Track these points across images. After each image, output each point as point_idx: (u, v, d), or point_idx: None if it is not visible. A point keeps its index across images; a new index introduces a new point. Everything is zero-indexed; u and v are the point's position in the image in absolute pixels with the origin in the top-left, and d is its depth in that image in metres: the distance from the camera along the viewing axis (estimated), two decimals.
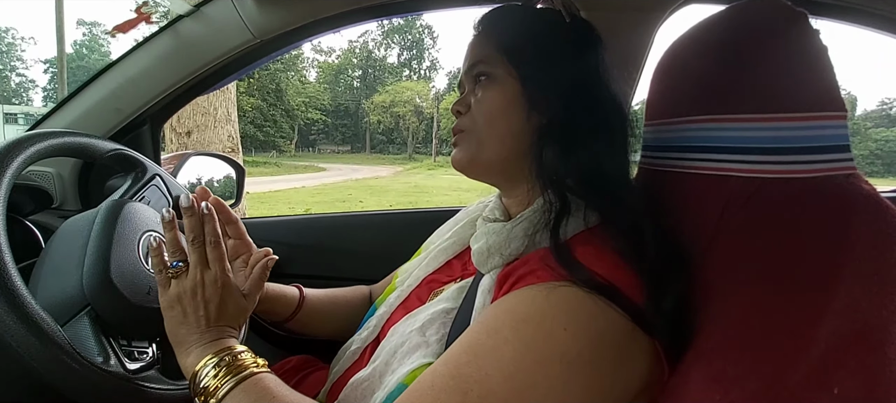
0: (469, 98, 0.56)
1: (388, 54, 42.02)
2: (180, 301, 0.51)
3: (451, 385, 0.41)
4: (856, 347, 0.37)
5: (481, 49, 0.56)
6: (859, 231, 0.40)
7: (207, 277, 0.51)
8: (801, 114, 0.46)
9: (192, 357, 0.50)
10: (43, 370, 0.45)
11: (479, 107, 0.55)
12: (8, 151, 0.51)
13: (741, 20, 0.51)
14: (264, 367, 0.51)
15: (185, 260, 0.52)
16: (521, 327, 0.41)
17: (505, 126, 0.53)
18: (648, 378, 0.44)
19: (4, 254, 0.45)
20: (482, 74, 0.55)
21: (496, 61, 0.55)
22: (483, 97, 0.55)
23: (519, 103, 0.53)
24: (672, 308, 0.43)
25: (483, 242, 0.52)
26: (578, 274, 0.41)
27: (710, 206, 0.49)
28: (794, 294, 0.40)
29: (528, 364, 0.40)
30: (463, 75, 0.59)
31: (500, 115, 0.53)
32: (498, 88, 0.54)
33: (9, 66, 35.43)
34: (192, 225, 0.52)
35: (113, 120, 0.88)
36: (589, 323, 0.40)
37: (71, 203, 0.89)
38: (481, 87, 0.55)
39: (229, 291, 0.53)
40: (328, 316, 0.77)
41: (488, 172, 0.56)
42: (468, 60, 0.58)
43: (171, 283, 0.51)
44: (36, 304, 0.46)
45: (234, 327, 0.54)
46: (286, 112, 28.25)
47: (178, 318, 0.51)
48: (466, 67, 0.58)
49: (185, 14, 0.83)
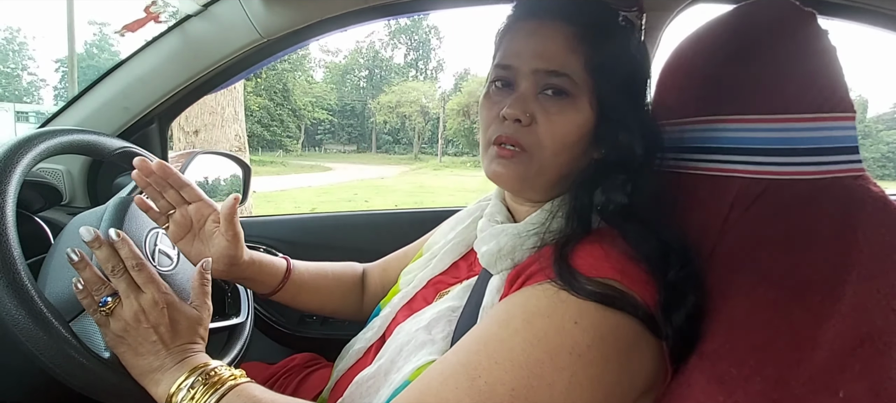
0: (531, 106, 0.48)
1: (395, 54, 42.16)
2: (127, 333, 0.48)
3: (460, 371, 0.41)
4: (862, 350, 0.36)
5: (568, 57, 0.47)
6: (867, 233, 0.40)
7: (144, 302, 0.48)
8: (809, 115, 0.46)
9: (163, 384, 0.47)
10: (51, 364, 0.45)
11: (550, 129, 0.48)
12: (18, 148, 0.52)
13: (748, 20, 0.51)
14: (242, 377, 0.49)
15: (113, 294, 0.48)
16: (533, 319, 0.42)
17: (569, 157, 0.49)
18: (654, 378, 0.43)
19: (14, 250, 0.46)
20: (561, 91, 0.48)
21: (583, 83, 0.47)
22: (559, 120, 0.48)
23: (589, 136, 0.49)
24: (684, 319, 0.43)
25: (493, 244, 0.51)
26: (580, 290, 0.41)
27: (716, 207, 0.49)
28: (799, 296, 0.40)
29: (538, 355, 0.40)
30: (524, 68, 0.49)
31: (570, 146, 0.48)
32: (576, 115, 0.48)
33: (20, 66, 35.93)
34: (105, 257, 0.48)
35: (121, 118, 0.89)
36: (599, 319, 0.41)
37: (80, 200, 0.91)
38: (555, 104, 0.48)
39: (175, 308, 0.50)
40: (316, 289, 0.76)
41: (532, 192, 0.53)
42: (543, 59, 0.48)
43: (108, 321, 0.48)
44: (44, 299, 0.46)
45: (195, 341, 0.51)
46: (293, 111, 28.41)
47: (132, 351, 0.48)
48: (541, 68, 0.48)
49: (194, 13, 0.84)
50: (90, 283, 0.48)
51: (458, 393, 0.40)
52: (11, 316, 0.44)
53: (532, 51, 0.48)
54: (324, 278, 0.77)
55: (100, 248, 0.49)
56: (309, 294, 0.75)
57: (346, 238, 1.18)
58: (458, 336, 0.51)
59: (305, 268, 0.75)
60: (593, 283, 0.41)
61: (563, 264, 0.43)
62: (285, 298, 0.73)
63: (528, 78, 0.49)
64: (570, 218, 0.49)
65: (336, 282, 0.78)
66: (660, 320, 0.42)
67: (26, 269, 0.46)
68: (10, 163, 0.50)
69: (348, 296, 0.79)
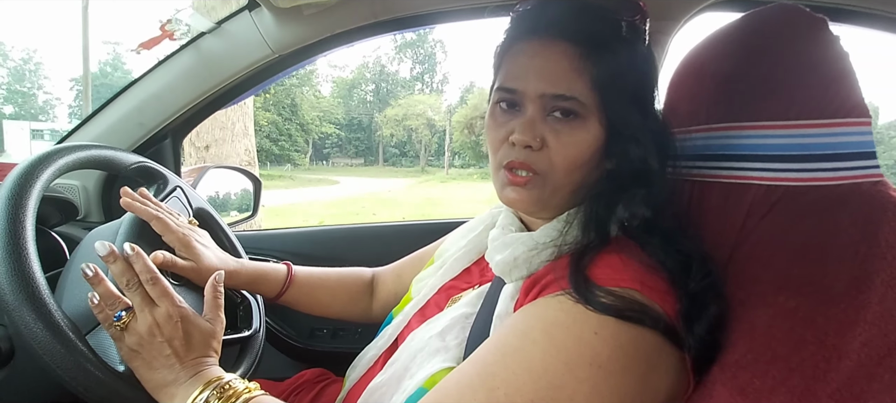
0: (540, 129, 0.47)
1: (401, 68, 42.55)
2: (141, 347, 0.48)
3: (478, 382, 0.41)
4: (891, 359, 0.35)
5: (576, 80, 0.46)
6: (890, 238, 0.39)
7: (158, 316, 0.49)
8: (824, 121, 0.45)
9: (178, 398, 0.47)
10: (67, 377, 0.45)
11: (563, 152, 0.47)
12: (38, 164, 0.53)
13: (758, 27, 0.51)
14: (257, 390, 0.49)
15: (128, 308, 0.49)
16: (551, 329, 0.41)
17: (582, 175, 0.49)
18: (675, 390, 0.43)
19: (33, 264, 0.47)
20: (572, 112, 0.47)
21: (592, 104, 0.47)
22: (570, 143, 0.47)
23: (601, 151, 0.48)
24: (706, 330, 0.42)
25: (508, 253, 0.51)
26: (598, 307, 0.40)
27: (732, 215, 0.48)
28: (822, 304, 0.39)
29: (557, 366, 0.39)
30: (531, 93, 0.48)
31: (583, 165, 0.48)
32: (586, 135, 0.47)
33: (36, 85, 36.81)
34: (119, 271, 0.49)
35: (136, 134, 0.91)
36: (619, 330, 0.40)
37: (95, 215, 0.92)
38: (564, 126, 0.47)
39: (189, 321, 0.50)
40: (319, 294, 0.77)
41: (546, 211, 0.52)
42: (550, 83, 0.47)
43: (123, 335, 0.48)
44: (62, 313, 0.47)
45: (209, 354, 0.51)
46: (301, 126, 28.69)
47: (146, 365, 0.48)
48: (549, 92, 0.47)
49: (208, 31, 0.86)
50: (105, 298, 0.48)
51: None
52: (30, 329, 0.44)
53: (537, 74, 0.47)
54: (326, 282, 0.78)
55: (115, 263, 0.49)
56: (311, 297, 0.76)
57: (355, 250, 1.18)
58: (471, 342, 0.51)
59: (308, 273, 0.76)
60: (611, 295, 0.40)
61: (579, 276, 0.43)
62: (290, 301, 0.74)
63: (534, 101, 0.48)
64: (587, 229, 0.48)
65: (339, 286, 0.79)
66: (681, 331, 0.41)
67: (45, 284, 0.47)
68: (30, 178, 0.51)
69: (354, 300, 0.79)
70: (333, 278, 0.79)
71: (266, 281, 0.71)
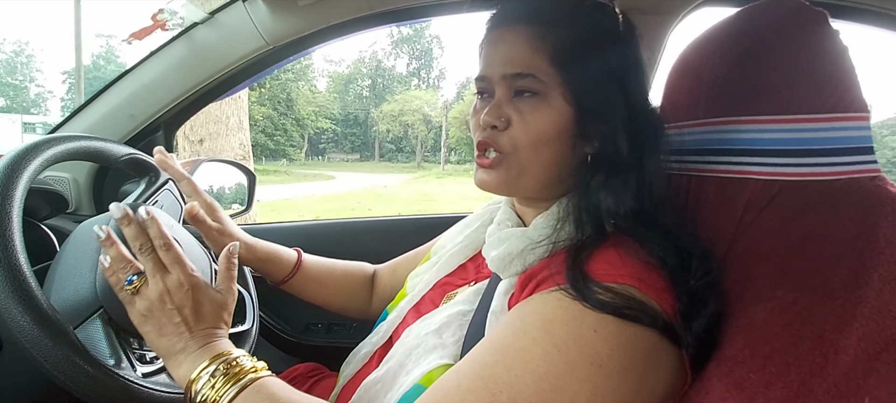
0: (506, 111, 0.49)
1: (397, 64, 42.40)
2: (151, 313, 0.48)
3: (479, 385, 0.40)
4: (888, 354, 0.35)
5: (532, 57, 0.47)
6: (888, 233, 0.39)
7: (170, 282, 0.48)
8: (822, 115, 0.45)
9: (185, 367, 0.47)
10: (55, 371, 0.45)
11: (525, 129, 0.48)
12: (26, 154, 0.52)
13: (758, 21, 0.50)
14: (264, 370, 0.48)
15: (139, 273, 0.48)
16: (550, 327, 0.40)
17: (551, 155, 0.48)
18: (673, 386, 0.42)
19: (20, 256, 0.46)
20: (530, 91, 0.48)
21: (551, 79, 0.47)
22: (531, 120, 0.47)
23: (570, 132, 0.48)
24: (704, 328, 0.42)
25: (503, 248, 0.50)
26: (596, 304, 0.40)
27: (729, 210, 0.48)
28: (819, 299, 0.39)
29: (559, 366, 0.39)
30: (495, 76, 0.49)
31: (549, 144, 0.48)
32: (549, 111, 0.47)
33: (28, 78, 36.39)
34: (133, 235, 0.48)
35: (127, 126, 0.90)
36: (618, 327, 0.39)
37: (86, 208, 0.91)
38: (528, 105, 0.48)
39: (200, 290, 0.49)
40: (325, 283, 0.78)
41: (520, 196, 0.53)
42: (509, 65, 0.48)
43: (134, 300, 0.48)
44: (50, 306, 0.46)
45: (219, 326, 0.51)
46: (296, 121, 28.56)
47: (155, 331, 0.48)
48: (507, 73, 0.48)
49: (200, 21, 0.85)
50: (116, 261, 0.48)
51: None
52: (16, 323, 0.44)
53: (500, 58, 0.49)
54: (333, 273, 0.79)
55: (129, 225, 0.49)
56: (317, 286, 0.77)
57: (352, 244, 1.17)
58: (469, 340, 0.50)
59: (316, 261, 0.78)
60: (608, 292, 0.40)
61: (576, 272, 0.42)
62: (295, 288, 0.76)
63: (500, 84, 0.49)
64: (581, 223, 0.47)
65: (345, 278, 0.80)
66: (679, 328, 0.41)
67: (32, 275, 0.46)
68: (17, 168, 0.50)
69: (356, 294, 0.80)
70: (340, 270, 0.80)
71: (277, 263, 0.74)
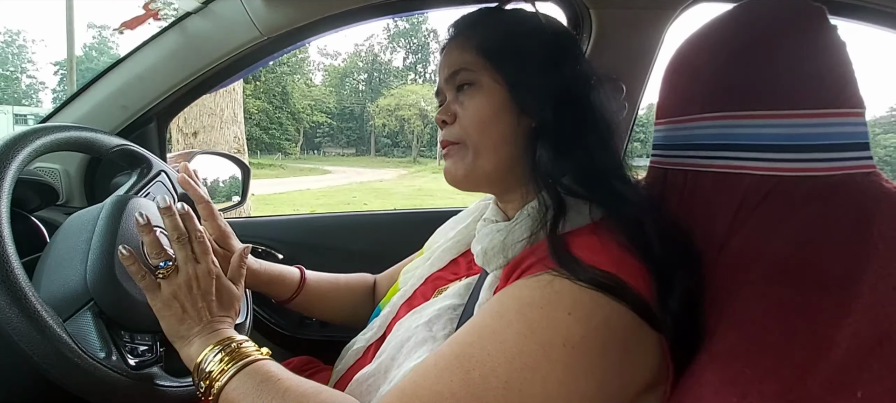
0: (452, 107, 0.55)
1: (394, 58, 42.19)
2: (177, 298, 0.52)
3: (454, 364, 0.42)
4: (881, 349, 0.35)
5: (461, 55, 0.55)
6: (882, 229, 0.39)
7: (199, 271, 0.53)
8: (818, 111, 0.45)
9: (195, 346, 0.51)
10: (45, 364, 0.44)
11: (468, 117, 0.53)
12: (14, 144, 0.51)
13: (755, 16, 0.50)
14: (267, 356, 0.52)
15: (170, 260, 0.53)
16: (526, 310, 0.42)
17: (497, 133, 0.52)
18: (655, 374, 0.43)
19: (8, 247, 0.45)
20: (466, 83, 0.54)
21: (479, 67, 0.53)
22: (470, 106, 0.53)
23: (508, 108, 0.52)
24: (679, 305, 0.42)
25: (486, 243, 0.52)
26: (579, 274, 0.41)
27: (725, 205, 0.48)
28: (813, 294, 0.39)
29: (531, 347, 0.40)
30: (442, 84, 0.57)
31: (491, 123, 0.52)
32: (484, 96, 0.53)
33: (19, 68, 35.88)
34: (174, 224, 0.53)
35: (119, 117, 0.88)
36: (593, 310, 0.40)
37: (77, 200, 0.89)
38: (466, 96, 0.54)
39: (221, 281, 0.55)
40: (329, 299, 0.80)
41: (485, 182, 0.55)
42: (447, 68, 0.56)
43: (161, 285, 0.52)
44: (39, 298, 0.45)
45: (231, 316, 0.56)
46: (292, 115, 28.37)
47: (177, 316, 0.52)
48: (447, 75, 0.56)
49: (193, 11, 0.83)
50: (152, 245, 0.52)
51: (452, 385, 0.40)
52: (4, 315, 0.43)
53: (443, 67, 0.57)
54: (336, 288, 0.81)
55: (170, 216, 0.53)
56: (321, 302, 0.80)
57: (347, 238, 1.17)
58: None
59: (318, 278, 0.79)
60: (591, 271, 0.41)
61: (561, 251, 0.43)
62: (300, 306, 0.78)
63: (446, 89, 0.56)
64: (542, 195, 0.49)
65: (348, 292, 0.82)
66: (657, 311, 0.41)
67: (21, 267, 0.45)
68: (5, 158, 0.49)
69: (360, 306, 0.81)
70: (343, 284, 0.82)
71: (282, 284, 0.76)
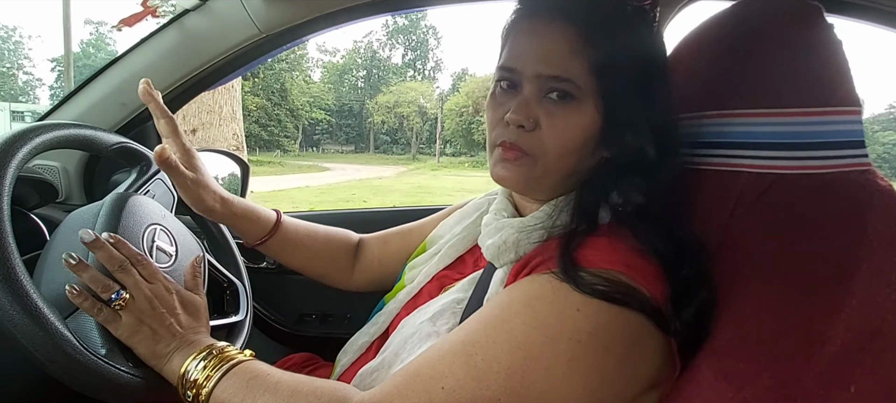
0: (534, 111, 0.47)
1: (393, 55, 42.11)
2: (143, 322, 0.49)
3: (458, 348, 0.42)
4: (873, 344, 0.36)
5: (572, 61, 0.45)
6: (876, 226, 0.40)
7: (155, 291, 0.51)
8: (815, 109, 0.45)
9: (176, 361, 0.49)
10: (46, 361, 0.44)
11: (555, 133, 0.47)
12: (13, 142, 0.51)
13: (752, 14, 0.51)
14: (251, 357, 0.50)
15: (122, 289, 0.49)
16: (534, 303, 0.42)
17: (575, 159, 0.48)
18: (659, 374, 0.43)
19: (9, 245, 0.45)
20: (567, 94, 0.46)
21: (586, 84, 0.46)
22: (562, 124, 0.46)
23: (595, 138, 0.47)
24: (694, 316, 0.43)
25: (498, 238, 0.51)
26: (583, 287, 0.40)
27: (721, 203, 0.48)
28: (808, 291, 0.40)
29: (537, 338, 0.40)
30: (528, 72, 0.47)
31: (576, 149, 0.47)
32: (581, 118, 0.46)
33: (16, 65, 35.73)
34: (109, 256, 0.49)
35: (118, 114, 0.88)
36: (602, 309, 0.40)
37: (76, 197, 0.90)
38: (558, 107, 0.47)
39: (181, 294, 0.54)
40: (304, 247, 0.74)
41: (538, 194, 0.52)
42: (546, 64, 0.46)
43: (120, 316, 0.49)
44: (40, 296, 0.45)
45: (203, 325, 0.54)
46: (290, 111, 28.31)
47: (149, 337, 0.49)
48: (541, 71, 0.46)
49: (192, 8, 0.83)
50: (94, 282, 0.48)
51: (454, 367, 0.41)
52: (6, 313, 0.43)
53: (534, 54, 0.47)
54: (314, 237, 0.76)
55: (101, 249, 0.49)
56: (296, 249, 0.74)
57: None
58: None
59: (296, 224, 0.74)
60: (597, 278, 0.41)
61: (567, 258, 0.43)
62: (272, 250, 0.72)
63: (531, 81, 0.47)
64: (576, 215, 0.48)
65: (327, 243, 0.77)
66: (667, 315, 0.41)
67: (22, 265, 0.45)
68: (5, 156, 0.49)
69: (337, 261, 0.77)
70: (321, 235, 0.77)
71: (255, 221, 0.69)
